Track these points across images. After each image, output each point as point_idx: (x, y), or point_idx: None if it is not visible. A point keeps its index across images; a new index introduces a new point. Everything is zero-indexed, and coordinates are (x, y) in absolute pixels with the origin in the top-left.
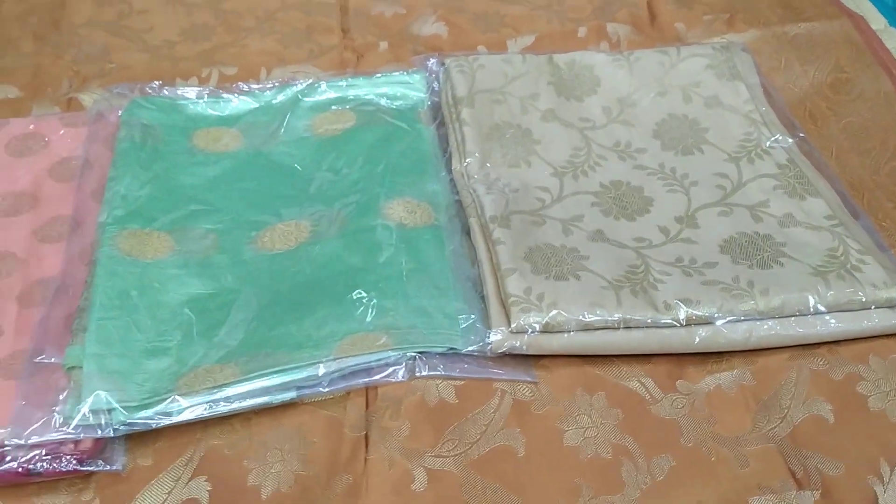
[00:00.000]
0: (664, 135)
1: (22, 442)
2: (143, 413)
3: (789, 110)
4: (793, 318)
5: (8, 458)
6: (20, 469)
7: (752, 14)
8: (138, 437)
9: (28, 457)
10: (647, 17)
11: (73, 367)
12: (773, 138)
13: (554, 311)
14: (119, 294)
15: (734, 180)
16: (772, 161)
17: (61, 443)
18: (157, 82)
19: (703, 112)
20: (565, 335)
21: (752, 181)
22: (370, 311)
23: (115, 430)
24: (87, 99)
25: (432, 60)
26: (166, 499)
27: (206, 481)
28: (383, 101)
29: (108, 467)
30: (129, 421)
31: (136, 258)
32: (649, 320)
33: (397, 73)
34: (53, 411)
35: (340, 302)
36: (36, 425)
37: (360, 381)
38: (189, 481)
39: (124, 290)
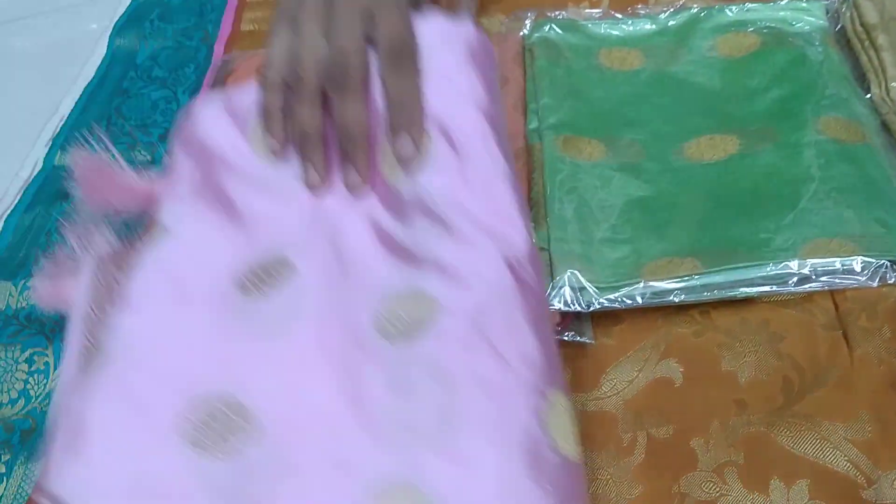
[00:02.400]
0: None
1: None
2: (611, 294)
3: None
4: None
5: None
6: None
7: None
8: (598, 320)
9: None
10: None
11: (540, 248)
12: None
13: None
14: (567, 189)
15: None
16: None
17: None
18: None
19: None
20: None
21: None
22: (828, 218)
23: (587, 305)
24: (486, 22)
25: None
26: (637, 375)
27: (676, 363)
28: (784, 27)
29: (582, 339)
30: (600, 300)
31: (575, 159)
32: None
33: (794, 0)
34: None
35: (793, 208)
36: None
37: (826, 283)
38: (659, 361)
39: (571, 185)
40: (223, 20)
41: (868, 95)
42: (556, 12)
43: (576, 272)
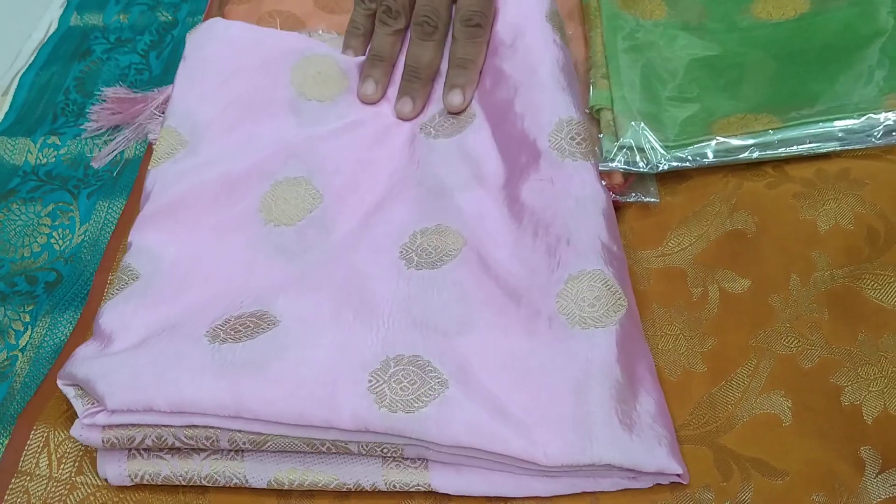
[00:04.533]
0: None
1: None
2: (680, 153)
3: None
4: None
5: None
6: None
7: None
8: (663, 178)
9: None
10: None
11: (600, 109)
12: None
13: None
14: (628, 47)
15: None
16: None
17: (601, 176)
18: None
19: None
20: None
21: None
22: None
23: (655, 165)
24: None
25: None
26: (706, 230)
27: (748, 215)
28: None
29: (646, 198)
30: (668, 159)
31: (637, 17)
32: None
33: None
34: None
35: (873, 61)
36: None
37: None
38: (730, 215)
39: (632, 44)
40: None
41: None
42: None
43: (644, 129)
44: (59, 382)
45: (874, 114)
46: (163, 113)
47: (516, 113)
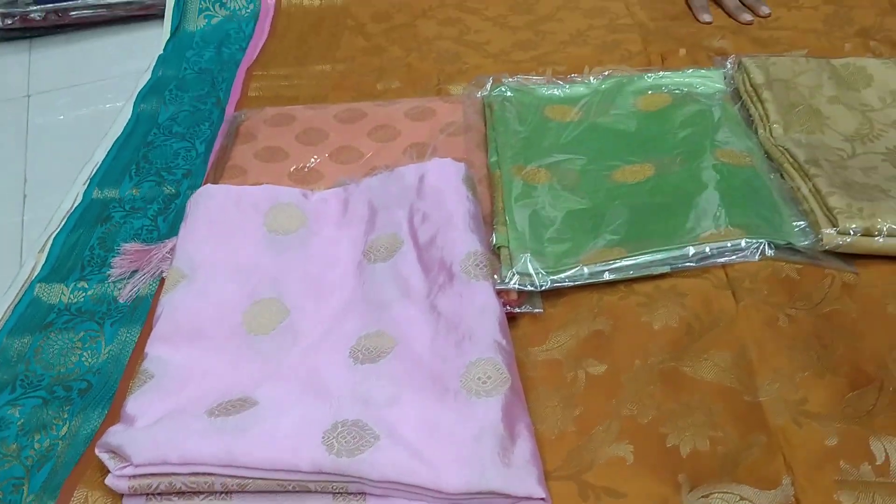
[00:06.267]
0: None
1: None
2: (556, 276)
3: None
4: None
5: None
6: None
7: None
8: (547, 295)
9: None
10: None
11: (500, 246)
12: None
13: (872, 219)
14: (521, 203)
15: None
16: None
17: (499, 293)
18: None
19: None
20: (881, 238)
21: None
22: (723, 215)
23: (539, 286)
24: (453, 88)
25: (730, 58)
26: (577, 331)
27: (606, 319)
28: (691, 88)
29: (534, 309)
30: (548, 280)
31: (527, 182)
32: None
33: (701, 70)
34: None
35: (696, 209)
36: None
37: (720, 259)
38: (594, 319)
39: (524, 201)
40: (233, 88)
41: (756, 135)
42: (510, 78)
43: (532, 260)
44: (97, 451)
45: (693, 246)
46: (171, 257)
47: (437, 245)
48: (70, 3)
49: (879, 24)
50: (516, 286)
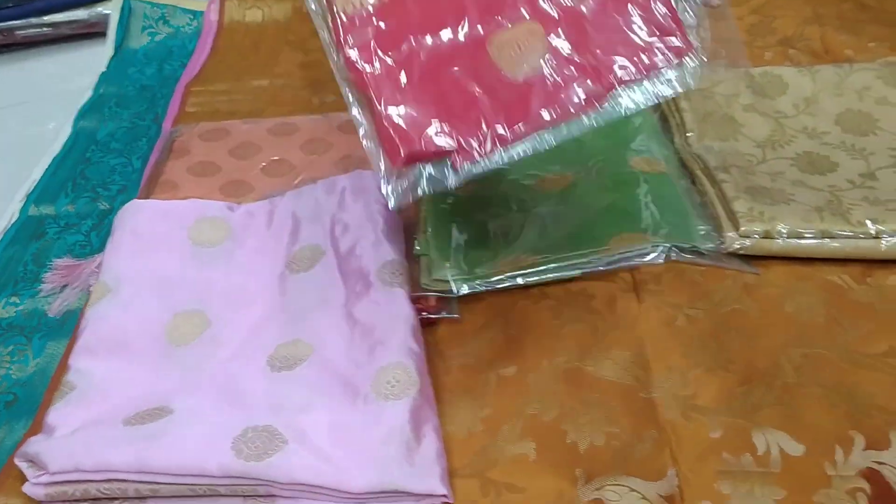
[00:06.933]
0: (843, 122)
1: None
2: (473, 283)
3: None
4: None
5: None
6: None
7: None
8: (464, 300)
9: None
10: (821, 48)
11: (421, 255)
12: None
13: (773, 223)
14: (441, 213)
15: None
16: None
17: (416, 300)
18: None
19: (874, 108)
20: (780, 241)
21: None
22: (632, 221)
23: (455, 292)
24: None
25: None
26: (492, 335)
27: (518, 323)
28: None
29: (450, 315)
30: (464, 286)
31: (453, 193)
32: (846, 232)
33: None
34: None
35: (608, 216)
36: None
37: (628, 262)
38: (508, 323)
39: (445, 210)
40: (171, 104)
41: (673, 143)
42: None
43: (450, 268)
44: (16, 460)
45: (601, 251)
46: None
47: (356, 255)
48: (16, 22)
49: (800, 33)
50: (435, 293)
